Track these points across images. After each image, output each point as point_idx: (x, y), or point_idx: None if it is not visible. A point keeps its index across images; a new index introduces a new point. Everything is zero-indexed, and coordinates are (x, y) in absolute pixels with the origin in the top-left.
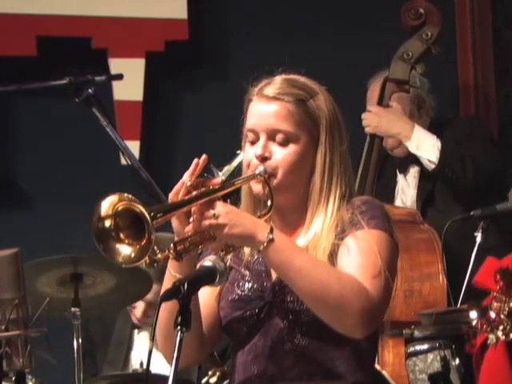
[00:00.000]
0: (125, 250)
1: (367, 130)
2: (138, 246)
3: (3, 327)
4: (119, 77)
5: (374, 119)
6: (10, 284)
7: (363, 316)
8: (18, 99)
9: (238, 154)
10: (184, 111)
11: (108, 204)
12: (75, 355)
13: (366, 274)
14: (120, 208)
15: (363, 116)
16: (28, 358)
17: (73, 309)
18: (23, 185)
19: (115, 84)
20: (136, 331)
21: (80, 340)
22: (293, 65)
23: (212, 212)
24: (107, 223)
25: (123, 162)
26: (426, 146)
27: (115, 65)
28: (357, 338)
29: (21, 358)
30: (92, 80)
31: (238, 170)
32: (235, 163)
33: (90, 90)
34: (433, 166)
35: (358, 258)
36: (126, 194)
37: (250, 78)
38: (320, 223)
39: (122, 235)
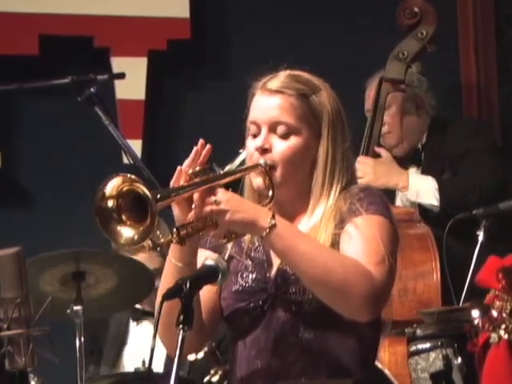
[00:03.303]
0: (127, 232)
1: (362, 181)
2: (140, 228)
3: (5, 326)
4: (121, 76)
5: (369, 172)
6: (13, 283)
7: (367, 299)
8: (20, 98)
9: (240, 153)
10: (186, 110)
11: (112, 185)
12: (77, 354)
13: (370, 259)
14: (124, 189)
15: (356, 166)
16: (30, 356)
17: (75, 307)
18: (25, 183)
19: (117, 83)
20: (134, 324)
21: (82, 338)
22: (294, 64)
23: (214, 198)
24: (110, 203)
25: (125, 160)
26: (425, 192)
27: (117, 64)
28: (361, 321)
29: (23, 356)
30: (94, 79)
31: None
32: (237, 162)
33: (92, 89)
34: (436, 209)
35: (360, 245)
36: (129, 175)
37: (254, 74)
38: (319, 216)
39: (123, 217)
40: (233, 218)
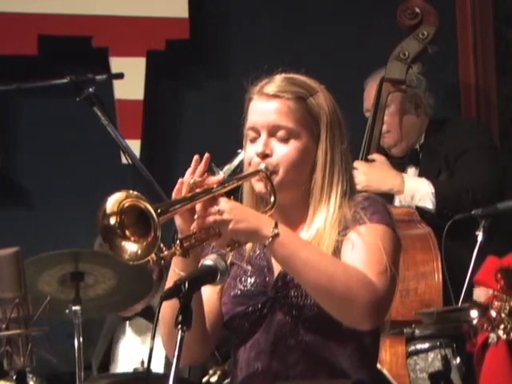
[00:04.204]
0: (131, 247)
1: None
2: (144, 243)
3: (4, 326)
4: (120, 76)
5: (363, 179)
6: (11, 283)
7: (370, 308)
8: (18, 98)
9: (238, 153)
10: (185, 110)
11: (114, 201)
12: (76, 354)
13: (372, 269)
14: (126, 205)
15: None
16: (29, 356)
17: (74, 307)
18: (24, 183)
19: (116, 83)
20: (128, 322)
21: (81, 339)
22: (293, 64)
23: (216, 208)
24: (112, 220)
25: (124, 161)
26: (420, 196)
27: (116, 64)
28: (363, 330)
29: (22, 356)
30: (93, 79)
31: (238, 169)
32: (236, 162)
33: (90, 89)
34: (432, 211)
35: (362, 253)
36: (132, 191)
37: (250, 78)
38: (322, 220)
39: (127, 232)
40: (236, 228)
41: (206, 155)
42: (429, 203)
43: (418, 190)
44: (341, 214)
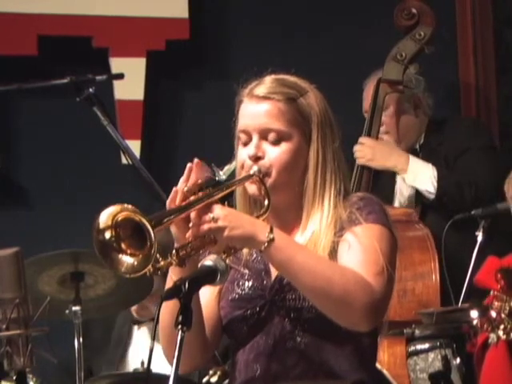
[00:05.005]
0: (127, 260)
1: (360, 161)
2: (140, 256)
3: (4, 326)
4: (120, 76)
5: (368, 152)
6: (11, 283)
7: (367, 310)
8: (18, 98)
9: None
10: (185, 110)
11: (107, 215)
12: (76, 354)
13: (369, 270)
14: (120, 218)
15: (356, 148)
16: (29, 357)
17: (73, 307)
18: (24, 183)
19: (116, 83)
20: (136, 327)
21: (81, 339)
22: (293, 64)
23: (211, 215)
24: (107, 234)
25: (124, 161)
26: (422, 178)
27: (116, 64)
28: (361, 331)
29: (22, 357)
30: (93, 79)
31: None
32: (235, 163)
33: (90, 90)
34: (432, 196)
35: (359, 255)
36: (126, 205)
37: (240, 80)
38: (317, 221)
39: (123, 245)
40: (231, 234)
41: (196, 160)
42: (430, 186)
43: (421, 171)
44: (336, 215)
